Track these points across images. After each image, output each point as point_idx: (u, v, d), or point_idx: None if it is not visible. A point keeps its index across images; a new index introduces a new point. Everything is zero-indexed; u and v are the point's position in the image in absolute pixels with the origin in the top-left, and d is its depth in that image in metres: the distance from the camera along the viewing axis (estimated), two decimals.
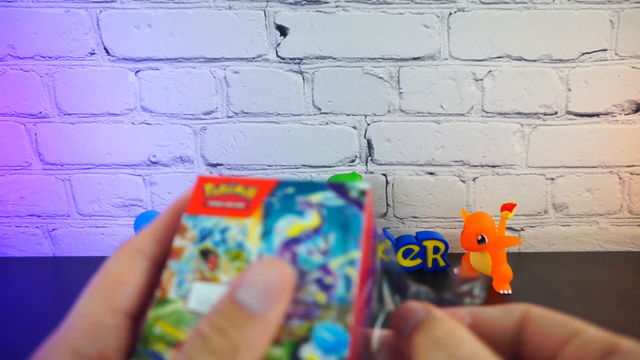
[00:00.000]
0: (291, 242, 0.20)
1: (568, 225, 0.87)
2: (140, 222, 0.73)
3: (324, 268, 0.19)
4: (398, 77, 0.80)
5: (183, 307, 0.19)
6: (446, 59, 0.80)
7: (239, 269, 0.20)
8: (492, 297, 0.70)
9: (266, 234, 0.20)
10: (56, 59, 0.80)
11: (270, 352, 0.18)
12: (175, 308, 0.19)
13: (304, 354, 0.18)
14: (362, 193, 0.20)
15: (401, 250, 0.78)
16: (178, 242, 0.21)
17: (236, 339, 0.16)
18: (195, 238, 0.21)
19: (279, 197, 0.21)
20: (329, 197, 0.20)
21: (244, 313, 0.16)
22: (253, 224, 0.20)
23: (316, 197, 0.21)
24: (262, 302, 0.16)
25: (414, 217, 0.87)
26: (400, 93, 0.81)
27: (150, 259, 0.20)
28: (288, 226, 0.20)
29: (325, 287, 0.19)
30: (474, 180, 0.85)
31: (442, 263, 0.79)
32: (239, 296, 0.16)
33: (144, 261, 0.20)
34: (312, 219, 0.20)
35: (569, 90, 0.81)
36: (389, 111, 0.82)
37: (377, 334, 0.23)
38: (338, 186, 0.20)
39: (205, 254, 0.20)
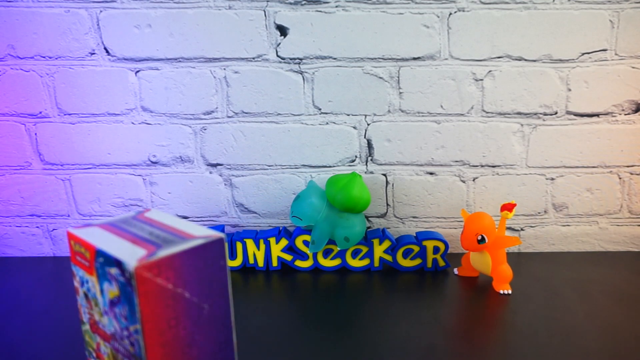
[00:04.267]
0: (112, 303, 0.26)
1: (568, 225, 0.87)
2: None
3: (128, 329, 0.25)
4: (398, 77, 0.80)
5: (88, 328, 0.29)
6: (446, 59, 0.80)
7: (99, 313, 0.27)
8: (493, 298, 0.70)
9: (102, 291, 0.26)
10: (56, 59, 0.80)
11: None
12: (87, 328, 0.29)
13: None
14: (131, 275, 0.24)
15: (401, 250, 0.78)
16: (75, 283, 0.29)
17: None
18: (80, 282, 0.28)
19: (99, 263, 0.26)
20: (118, 273, 0.25)
21: None
22: (95, 282, 0.27)
23: (113, 271, 0.25)
24: None
25: (414, 217, 0.87)
26: (400, 93, 0.81)
27: None
28: (107, 290, 0.26)
29: (131, 343, 0.25)
30: (474, 180, 0.85)
31: (442, 263, 0.79)
32: None
33: None
34: (115, 289, 0.25)
35: (569, 90, 0.81)
36: (389, 111, 0.82)
37: None
38: (119, 263, 0.24)
39: (86, 296, 0.28)
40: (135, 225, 0.28)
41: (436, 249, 0.78)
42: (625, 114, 0.82)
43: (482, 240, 0.70)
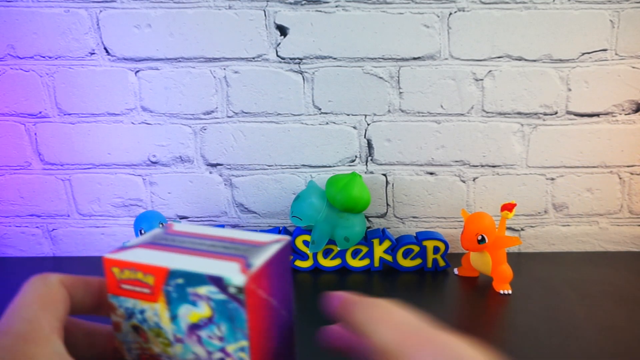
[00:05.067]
0: (194, 327, 0.24)
1: (568, 225, 0.87)
2: (140, 222, 0.73)
3: (223, 351, 0.23)
4: (398, 77, 0.80)
5: None
6: (446, 59, 0.80)
7: (164, 343, 0.24)
8: (493, 298, 0.70)
9: (173, 318, 0.24)
10: (56, 58, 0.80)
11: None
12: None
13: None
14: (240, 290, 0.23)
15: (401, 250, 0.78)
16: (114, 317, 0.25)
17: None
18: (124, 315, 0.25)
19: (173, 286, 0.24)
20: (213, 291, 0.23)
21: None
22: (161, 309, 0.24)
23: (202, 290, 0.23)
24: None
25: (414, 217, 0.87)
26: (400, 93, 0.81)
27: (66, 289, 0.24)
28: (188, 313, 0.24)
29: None
30: (474, 180, 0.85)
31: (442, 263, 0.79)
32: None
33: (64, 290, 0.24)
34: (204, 310, 0.23)
35: (569, 90, 0.81)
36: (389, 111, 0.82)
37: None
38: (217, 280, 0.23)
39: (136, 329, 0.25)
40: (181, 240, 0.26)
41: (436, 249, 0.78)
42: (626, 114, 0.82)
43: (482, 240, 0.70)
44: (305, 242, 0.78)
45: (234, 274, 0.22)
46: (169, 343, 0.24)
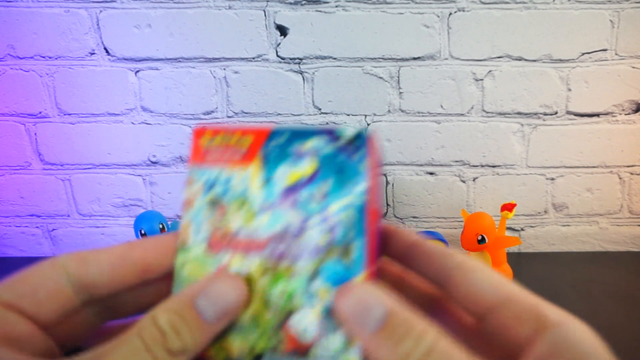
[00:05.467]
0: (291, 189, 0.21)
1: (568, 225, 0.87)
2: (140, 222, 0.73)
3: (324, 212, 0.21)
4: (398, 77, 0.80)
5: (203, 251, 0.21)
6: (446, 59, 0.80)
7: (248, 215, 0.21)
8: None
9: (267, 182, 0.21)
10: (56, 59, 0.80)
11: (283, 288, 0.20)
12: (197, 252, 0.21)
13: (314, 288, 0.20)
14: (355, 137, 0.21)
15: None
16: (187, 193, 0.22)
17: (187, 341, 0.18)
18: (202, 188, 0.22)
19: (274, 145, 0.21)
20: (322, 144, 0.21)
21: (198, 319, 0.18)
22: (253, 173, 0.21)
23: (310, 144, 0.21)
24: (216, 315, 0.19)
25: (414, 217, 0.87)
26: (400, 93, 0.81)
27: (70, 275, 0.20)
28: (286, 174, 0.21)
29: (326, 229, 0.20)
30: (474, 180, 0.85)
31: None
32: (198, 304, 0.19)
33: (64, 275, 0.20)
34: (308, 166, 0.21)
35: (569, 90, 0.81)
36: (389, 111, 0.82)
37: None
38: (330, 131, 0.21)
39: (213, 204, 0.22)
40: None
41: None
42: (626, 114, 0.82)
43: (482, 240, 0.70)
44: None
45: (349, 127, 0.21)
46: (254, 213, 0.21)
